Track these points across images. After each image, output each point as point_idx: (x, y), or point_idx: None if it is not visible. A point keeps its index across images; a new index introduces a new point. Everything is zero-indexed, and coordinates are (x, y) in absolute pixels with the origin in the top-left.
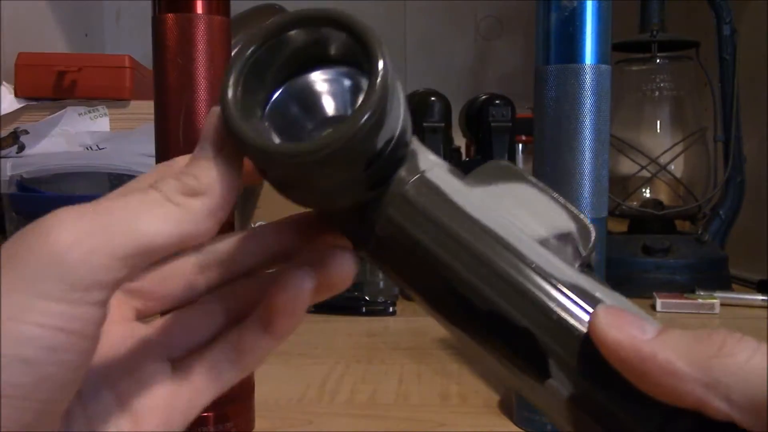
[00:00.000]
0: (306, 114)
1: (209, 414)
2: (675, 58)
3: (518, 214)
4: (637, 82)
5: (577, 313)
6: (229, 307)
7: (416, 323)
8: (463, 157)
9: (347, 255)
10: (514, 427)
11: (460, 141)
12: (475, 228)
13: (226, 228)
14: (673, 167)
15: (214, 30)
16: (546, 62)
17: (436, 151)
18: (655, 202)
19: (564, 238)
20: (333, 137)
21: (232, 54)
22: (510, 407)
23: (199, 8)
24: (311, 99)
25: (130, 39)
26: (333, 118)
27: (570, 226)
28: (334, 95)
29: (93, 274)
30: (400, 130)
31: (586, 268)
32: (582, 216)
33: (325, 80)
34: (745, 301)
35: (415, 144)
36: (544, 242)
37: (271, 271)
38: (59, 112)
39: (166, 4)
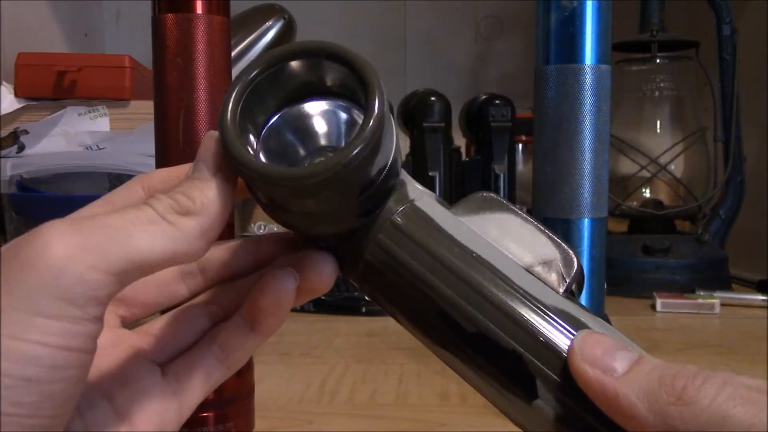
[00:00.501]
0: (300, 141)
1: (209, 414)
2: (675, 58)
3: (505, 242)
4: (637, 82)
5: (563, 335)
6: (212, 311)
7: None
8: (463, 157)
9: (326, 257)
10: (514, 427)
11: (460, 141)
12: (464, 254)
13: (225, 229)
14: (673, 167)
15: (214, 30)
16: (546, 62)
17: (436, 152)
18: (655, 202)
19: (548, 265)
20: (332, 162)
21: (234, 77)
22: None
23: (199, 8)
24: (306, 127)
25: (130, 39)
26: (325, 147)
27: (554, 254)
28: (329, 126)
29: (90, 291)
30: (392, 160)
31: (570, 294)
32: (565, 245)
33: (321, 111)
34: (745, 301)
35: (404, 175)
36: (529, 269)
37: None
38: (59, 112)
39: (166, 4)
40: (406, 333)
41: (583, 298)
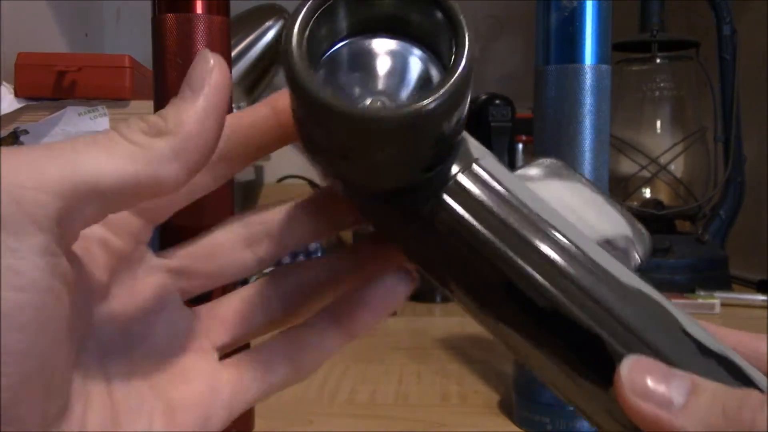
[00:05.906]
0: (357, 79)
1: None
2: (675, 58)
3: (576, 213)
4: (637, 82)
5: (643, 315)
6: (284, 291)
7: (416, 323)
8: None
9: (403, 274)
10: (514, 427)
11: None
12: (537, 221)
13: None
14: (673, 167)
15: (214, 30)
16: (546, 62)
17: None
18: (655, 202)
19: (623, 241)
20: (421, 105)
21: None
22: (510, 407)
23: (199, 8)
24: (369, 65)
25: (130, 39)
26: (383, 92)
27: (627, 229)
28: (395, 70)
29: (21, 210)
30: (466, 112)
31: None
32: (638, 222)
33: (390, 51)
34: (745, 301)
35: (464, 132)
36: (601, 243)
37: (326, 261)
38: (59, 112)
39: (166, 4)
40: (406, 333)
41: None
